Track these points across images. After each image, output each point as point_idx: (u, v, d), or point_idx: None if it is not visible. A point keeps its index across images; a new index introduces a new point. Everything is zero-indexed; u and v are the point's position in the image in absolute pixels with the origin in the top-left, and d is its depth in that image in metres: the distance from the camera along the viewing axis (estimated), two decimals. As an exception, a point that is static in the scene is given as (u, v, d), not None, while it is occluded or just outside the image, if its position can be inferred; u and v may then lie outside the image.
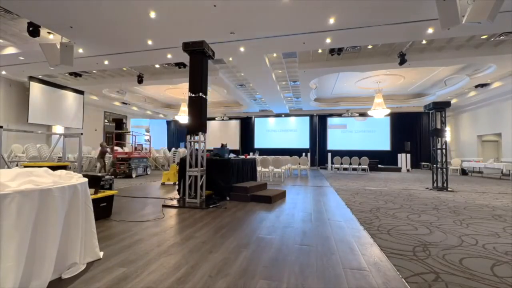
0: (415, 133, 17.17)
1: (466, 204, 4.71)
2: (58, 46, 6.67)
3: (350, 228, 3.10)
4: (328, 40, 7.16)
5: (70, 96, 12.79)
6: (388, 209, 4.17)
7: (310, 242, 2.60)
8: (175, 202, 4.52)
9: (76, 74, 11.14)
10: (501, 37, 7.50)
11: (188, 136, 4.52)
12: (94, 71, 10.97)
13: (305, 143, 18.44)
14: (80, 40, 7.41)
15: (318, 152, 18.19)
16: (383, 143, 17.47)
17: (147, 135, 13.36)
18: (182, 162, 5.07)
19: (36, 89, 11.27)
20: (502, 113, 11.84)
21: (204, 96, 4.53)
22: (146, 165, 10.78)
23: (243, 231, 2.92)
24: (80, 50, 8.02)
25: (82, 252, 1.96)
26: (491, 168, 11.42)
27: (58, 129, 12.41)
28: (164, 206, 4.26)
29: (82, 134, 7.82)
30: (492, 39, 7.71)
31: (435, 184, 6.87)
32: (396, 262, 2.11)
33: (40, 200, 1.65)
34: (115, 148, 11.17)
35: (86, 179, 2.13)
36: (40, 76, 11.19)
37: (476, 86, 11.90)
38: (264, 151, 17.05)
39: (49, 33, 7.37)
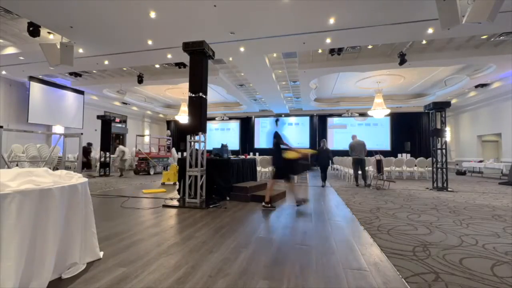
0: (415, 133, 17.17)
1: (466, 204, 4.71)
2: (58, 46, 6.67)
3: (350, 228, 3.10)
4: (328, 40, 7.16)
5: (70, 96, 12.78)
6: (388, 209, 4.17)
7: (310, 242, 2.60)
8: (175, 202, 4.52)
9: (76, 74, 11.15)
10: (501, 37, 7.51)
11: (188, 136, 4.52)
12: (94, 71, 10.97)
13: (305, 143, 18.44)
14: (80, 40, 7.41)
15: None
16: (383, 143, 17.48)
17: (169, 138, 13.92)
18: (182, 162, 5.07)
19: (36, 89, 11.27)
20: (502, 113, 11.83)
21: (204, 96, 4.53)
22: (166, 164, 11.61)
23: (243, 231, 2.92)
24: (80, 50, 8.02)
25: (82, 252, 1.96)
26: (491, 168, 11.41)
27: (58, 129, 12.41)
28: (164, 206, 4.26)
29: (82, 134, 7.82)
30: (492, 39, 7.72)
31: (435, 184, 6.87)
32: (396, 262, 2.11)
33: (40, 200, 1.65)
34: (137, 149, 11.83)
35: (86, 179, 2.13)
36: (40, 76, 11.19)
37: (476, 86, 11.91)
38: (264, 152, 17.05)
39: (49, 33, 7.37)
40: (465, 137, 14.90)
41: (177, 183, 6.08)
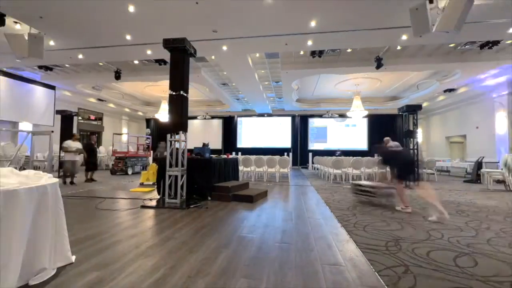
0: (390, 134, 17.87)
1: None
2: (26, 37, 6.23)
3: (328, 225, 3.20)
4: (309, 42, 7.32)
5: (39, 91, 11.95)
6: (364, 207, 4.36)
7: (290, 240, 2.65)
8: (154, 203, 4.41)
9: (46, 68, 10.45)
10: (466, 46, 8.11)
11: (169, 135, 4.42)
12: (67, 65, 10.36)
13: (287, 143, 18.71)
14: (51, 32, 6.96)
15: (299, 152, 18.53)
16: (361, 143, 18.18)
17: (148, 137, 13.54)
18: (161, 162, 4.94)
19: (0, 83, 10.41)
20: (467, 116, 12.79)
21: (185, 94, 4.45)
22: (146, 164, 11.25)
23: (224, 231, 2.92)
24: (51, 43, 7.54)
25: (52, 257, 1.86)
26: (457, 167, 12.29)
27: (25, 126, 11.58)
28: (143, 207, 4.13)
29: (53, 132, 7.36)
30: (459, 48, 8.31)
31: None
32: (370, 257, 2.22)
33: (4, 202, 1.54)
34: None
35: (57, 180, 2.02)
36: (5, 69, 10.36)
37: (445, 91, 12.75)
38: (247, 151, 17.09)
39: (15, 22, 6.85)
40: (435, 138, 15.90)
41: (156, 183, 5.93)
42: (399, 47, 8.31)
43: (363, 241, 2.62)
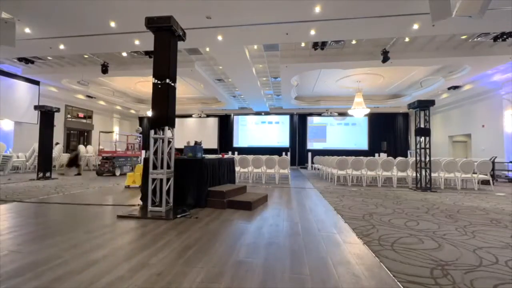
0: (390, 133, 17.56)
1: (456, 207, 4.47)
2: (-6, 21, 5.51)
3: (347, 243, 2.57)
4: (312, 32, 6.71)
5: (21, 86, 11.14)
6: (382, 215, 3.75)
7: (302, 267, 2.02)
8: (135, 212, 3.74)
9: (27, 60, 9.66)
10: (479, 38, 7.57)
11: (152, 131, 3.76)
12: (49, 58, 9.58)
13: (285, 142, 18.11)
14: (26, 17, 6.23)
15: (298, 151, 17.95)
16: (361, 142, 17.67)
17: (139, 135, 12.74)
18: (145, 163, 4.27)
19: (-25, 76, 9.61)
20: (472, 114, 12.31)
21: (172, 84, 3.80)
22: (136, 164, 10.52)
23: (215, 253, 2.28)
24: (27, 30, 6.79)
25: None
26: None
27: (6, 123, 10.77)
28: (120, 217, 3.46)
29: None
30: (470, 40, 7.77)
31: (418, 185, 6.71)
32: (416, 295, 1.60)
33: None
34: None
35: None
36: (-20, 61, 9.54)
37: (449, 88, 12.26)
38: (244, 150, 16.44)
39: (-17, 5, 6.10)
40: (437, 137, 15.43)
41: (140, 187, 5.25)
42: (407, 39, 7.74)
43: (397, 267, 2.00)
